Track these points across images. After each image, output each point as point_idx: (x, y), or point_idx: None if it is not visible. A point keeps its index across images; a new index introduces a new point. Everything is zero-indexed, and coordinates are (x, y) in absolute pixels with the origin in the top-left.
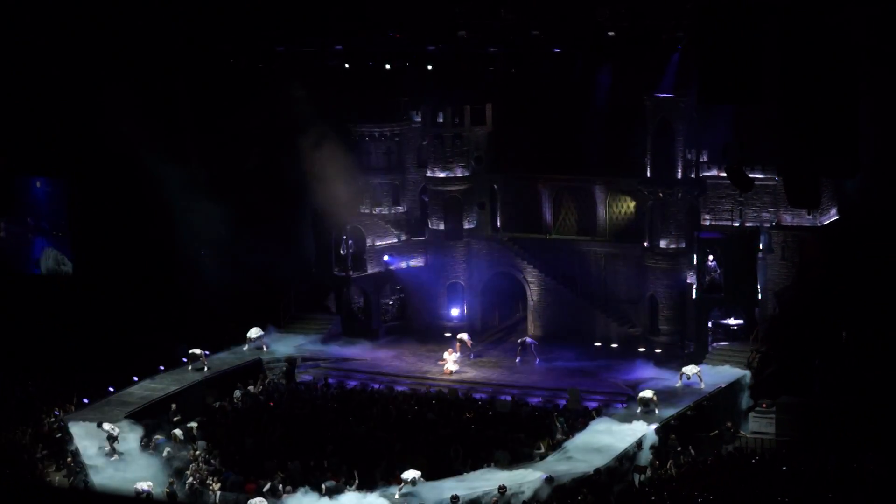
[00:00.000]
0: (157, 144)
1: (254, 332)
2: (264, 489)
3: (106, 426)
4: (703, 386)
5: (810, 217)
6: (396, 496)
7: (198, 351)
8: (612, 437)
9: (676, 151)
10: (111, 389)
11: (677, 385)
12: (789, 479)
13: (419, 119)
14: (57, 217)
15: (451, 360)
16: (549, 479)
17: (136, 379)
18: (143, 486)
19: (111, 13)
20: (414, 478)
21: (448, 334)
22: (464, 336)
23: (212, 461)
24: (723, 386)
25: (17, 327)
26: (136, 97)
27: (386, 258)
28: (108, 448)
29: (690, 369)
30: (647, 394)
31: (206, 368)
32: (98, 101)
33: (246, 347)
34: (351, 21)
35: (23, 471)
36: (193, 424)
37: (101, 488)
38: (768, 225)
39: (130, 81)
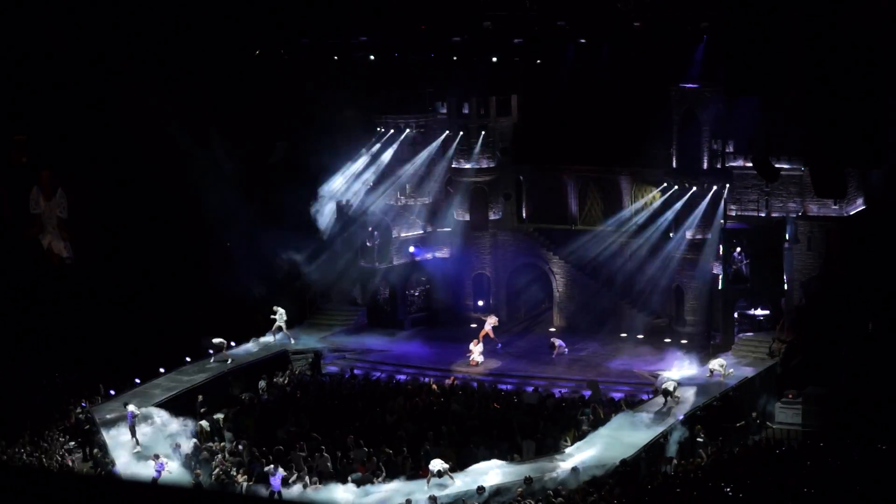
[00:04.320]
0: (181, 137)
1: (278, 315)
2: (290, 480)
3: (130, 407)
4: (723, 378)
5: (836, 207)
6: (426, 488)
7: (220, 340)
8: (638, 428)
9: (702, 142)
10: (138, 381)
11: (706, 377)
12: (816, 470)
13: (444, 110)
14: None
15: (477, 352)
16: (574, 471)
17: (162, 370)
18: (164, 460)
19: (135, 4)
20: (440, 470)
21: (474, 325)
22: (491, 319)
23: (238, 453)
24: (749, 377)
25: (44, 319)
26: (159, 91)
27: (412, 249)
28: (130, 438)
29: (717, 363)
30: (669, 385)
31: (229, 361)
32: (122, 95)
33: (273, 339)
34: (376, 12)
35: (50, 462)
36: (220, 416)
37: (127, 477)
38: (794, 215)
39: (153, 75)
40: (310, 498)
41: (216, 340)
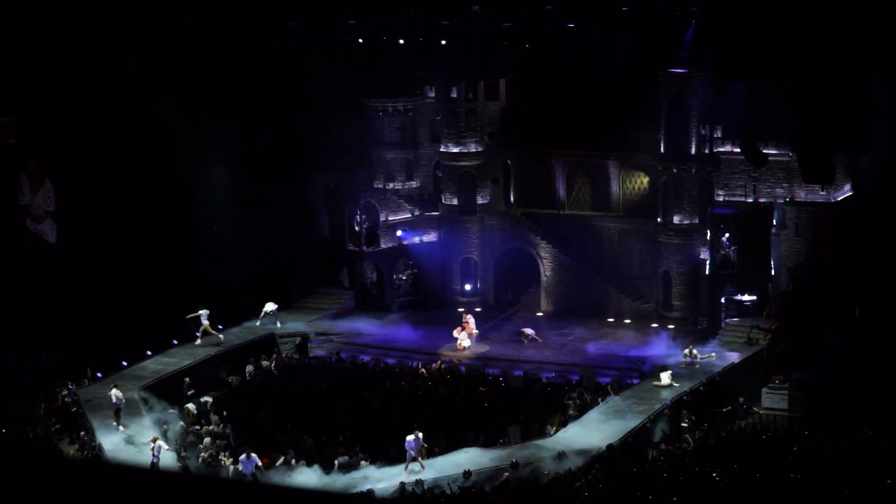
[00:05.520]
0: (170, 120)
1: (269, 307)
2: (277, 464)
3: (114, 392)
4: (698, 365)
5: (824, 193)
6: (404, 471)
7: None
8: (624, 413)
9: (690, 127)
10: (125, 364)
11: (681, 365)
12: (802, 456)
13: (433, 94)
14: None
15: (463, 336)
16: (561, 455)
17: (149, 353)
18: (161, 442)
19: None
20: (409, 438)
21: (461, 309)
22: (467, 319)
23: (225, 436)
24: (735, 362)
25: (30, 301)
26: (149, 74)
27: (399, 233)
28: (114, 422)
29: (689, 352)
30: (665, 380)
31: (206, 324)
32: (111, 78)
33: (258, 323)
34: None
35: (36, 444)
36: (207, 399)
37: (114, 460)
38: (782, 201)
39: (144, 59)
40: (280, 481)
41: (200, 313)
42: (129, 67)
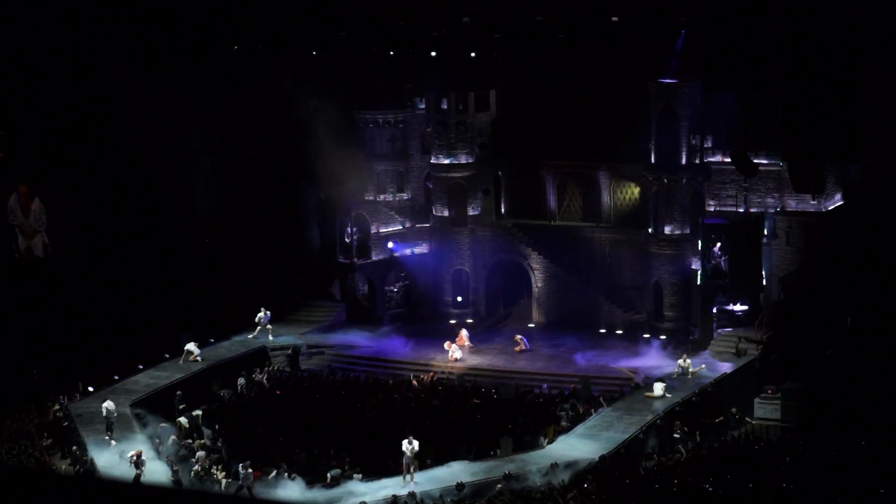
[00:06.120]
0: (160, 131)
1: (261, 314)
2: (269, 477)
3: (107, 405)
4: (691, 375)
5: (815, 202)
6: (402, 483)
7: (193, 348)
8: (617, 424)
9: (680, 137)
10: (116, 377)
11: (674, 375)
12: (795, 466)
13: (423, 106)
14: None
15: (454, 348)
16: (553, 466)
17: (140, 367)
18: (146, 456)
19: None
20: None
21: (453, 321)
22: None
23: (217, 449)
24: (728, 372)
25: (22, 315)
26: (139, 85)
27: (390, 245)
28: (106, 435)
29: (682, 362)
30: (658, 391)
31: (196, 353)
32: (101, 88)
33: (255, 333)
34: (354, 7)
35: (28, 459)
36: (199, 413)
37: (105, 476)
38: (773, 210)
39: (133, 69)
40: (268, 495)
41: (190, 347)
42: (118, 77)
